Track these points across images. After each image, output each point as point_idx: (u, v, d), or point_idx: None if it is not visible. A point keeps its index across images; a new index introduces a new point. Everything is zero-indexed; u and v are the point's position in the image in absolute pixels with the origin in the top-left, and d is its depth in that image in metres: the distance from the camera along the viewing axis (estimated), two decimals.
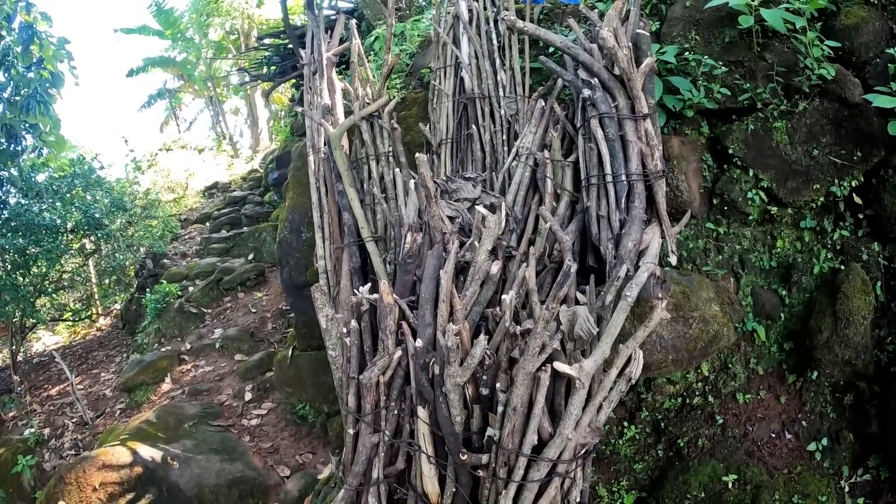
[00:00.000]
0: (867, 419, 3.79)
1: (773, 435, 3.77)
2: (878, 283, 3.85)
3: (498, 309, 3.30)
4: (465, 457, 3.15)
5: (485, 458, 3.16)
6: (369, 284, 3.81)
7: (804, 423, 3.80)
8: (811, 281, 4.00)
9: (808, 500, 3.45)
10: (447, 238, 3.57)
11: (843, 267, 3.94)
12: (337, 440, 5.16)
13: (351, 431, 3.69)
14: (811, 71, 3.94)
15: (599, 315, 3.13)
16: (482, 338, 2.96)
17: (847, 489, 3.66)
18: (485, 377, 3.16)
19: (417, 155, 3.50)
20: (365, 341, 3.61)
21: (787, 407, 3.86)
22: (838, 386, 3.86)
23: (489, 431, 3.15)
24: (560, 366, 2.87)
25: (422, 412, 3.35)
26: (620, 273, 3.15)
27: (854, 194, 3.98)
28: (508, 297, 3.11)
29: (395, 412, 3.57)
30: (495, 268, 3.42)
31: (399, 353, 3.41)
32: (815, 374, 3.79)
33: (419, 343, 3.27)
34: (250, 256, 9.39)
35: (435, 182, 3.87)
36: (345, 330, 3.59)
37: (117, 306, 9.96)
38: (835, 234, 4.04)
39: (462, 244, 3.68)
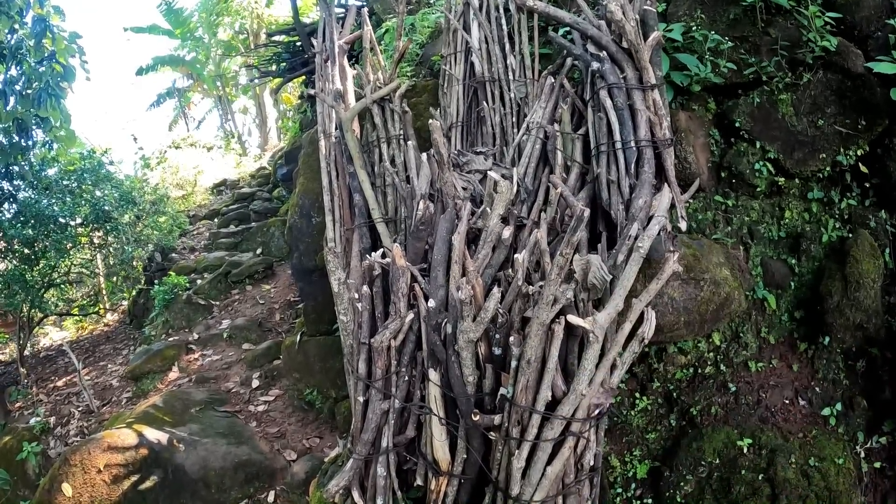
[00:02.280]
0: (880, 385, 3.78)
1: (787, 401, 3.75)
2: (887, 250, 3.87)
3: (510, 270, 3.32)
4: (478, 418, 3.14)
5: (497, 419, 3.15)
6: (381, 250, 3.83)
7: (817, 389, 3.79)
8: (820, 250, 4.02)
9: (825, 462, 3.42)
10: (459, 205, 3.61)
11: (850, 235, 3.96)
12: (344, 424, 5.15)
13: (361, 399, 3.68)
14: (814, 43, 4.01)
15: (612, 275, 3.14)
16: (495, 291, 2.97)
17: (863, 454, 3.63)
18: (497, 336, 3.17)
19: (431, 121, 3.55)
20: (376, 307, 3.62)
21: (799, 374, 3.85)
22: (850, 352, 3.85)
23: (502, 391, 3.14)
24: (574, 318, 2.87)
25: (433, 374, 3.35)
26: (632, 232, 3.18)
27: (860, 163, 4.02)
28: (521, 257, 3.13)
29: (406, 378, 3.57)
30: (507, 232, 3.45)
31: (411, 315, 3.42)
32: (827, 340, 3.79)
33: (432, 303, 3.29)
34: (258, 251, 9.45)
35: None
36: (356, 295, 3.60)
37: (125, 303, 10.00)
38: (842, 204, 4.07)
39: (474, 213, 3.72)
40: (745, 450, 3.52)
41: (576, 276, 2.86)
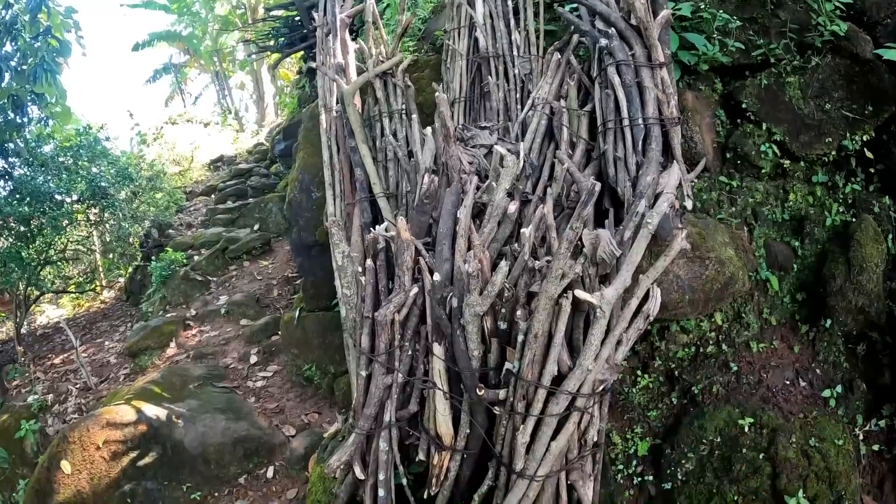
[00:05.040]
0: (880, 369, 3.81)
1: (788, 382, 3.77)
2: (890, 236, 3.88)
3: (516, 244, 3.30)
4: (482, 392, 3.13)
5: (502, 394, 3.15)
6: (385, 224, 3.80)
7: (818, 371, 3.81)
8: (823, 233, 4.02)
9: (825, 443, 3.45)
10: (465, 179, 3.58)
11: (854, 220, 3.97)
12: (343, 400, 5.15)
13: (363, 373, 3.66)
14: (823, 27, 4.00)
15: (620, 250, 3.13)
16: (503, 264, 2.95)
17: (861, 437, 3.66)
18: (503, 310, 3.16)
19: (437, 94, 3.51)
20: (380, 281, 3.59)
21: (800, 356, 3.87)
22: (851, 336, 3.87)
23: (507, 365, 3.13)
24: (581, 293, 2.87)
25: (437, 349, 3.34)
26: (639, 208, 3.16)
27: (865, 149, 4.02)
28: (527, 231, 3.11)
29: (409, 353, 3.55)
30: (513, 206, 3.43)
31: (415, 289, 3.40)
32: (829, 322, 3.80)
33: (437, 277, 3.27)
34: (256, 227, 9.41)
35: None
36: (360, 269, 3.57)
37: (122, 280, 9.95)
38: (846, 189, 4.07)
39: (479, 188, 3.69)
40: (747, 429, 3.54)
41: (585, 251, 2.84)
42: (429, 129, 4.04)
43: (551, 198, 3.43)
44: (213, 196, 11.95)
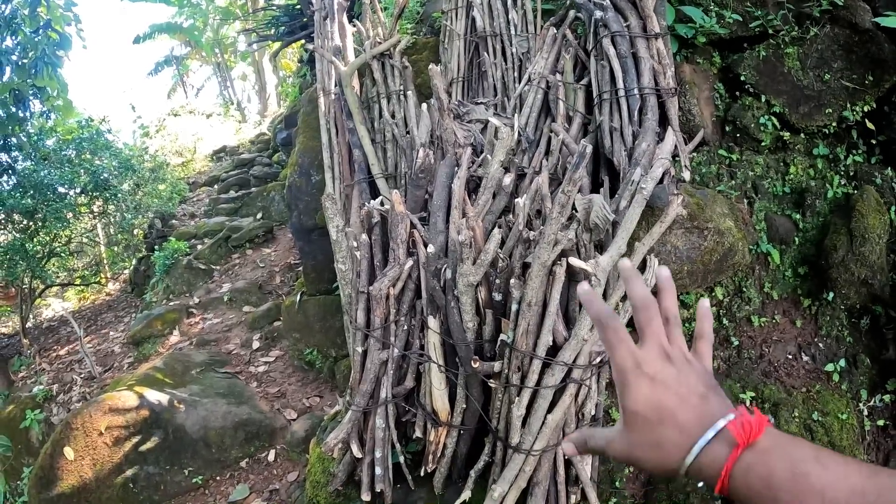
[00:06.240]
0: (884, 344, 3.74)
1: (790, 356, 3.72)
2: (893, 208, 3.81)
3: (511, 215, 3.27)
4: (477, 364, 3.10)
5: (497, 366, 3.11)
6: (380, 197, 3.78)
7: (821, 345, 3.75)
8: (825, 206, 3.96)
9: (828, 417, 3.39)
10: (459, 152, 3.55)
11: (855, 192, 3.91)
12: (344, 383, 5.14)
13: (359, 349, 3.65)
14: None
15: (614, 216, 3.09)
16: (496, 232, 2.92)
17: (866, 412, 3.60)
18: (497, 281, 3.13)
19: (431, 66, 3.48)
20: (375, 255, 3.57)
21: (802, 330, 3.81)
22: (854, 310, 3.81)
23: (502, 337, 3.10)
24: (575, 260, 2.83)
25: (432, 322, 3.32)
26: (635, 176, 3.13)
27: (866, 120, 3.95)
28: (522, 201, 3.08)
29: (405, 327, 3.53)
30: (508, 178, 3.40)
31: (410, 262, 3.38)
32: (831, 296, 3.74)
33: (431, 249, 3.24)
34: (259, 215, 9.44)
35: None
36: (355, 243, 3.56)
37: (126, 272, 10.00)
38: (848, 160, 4.01)
39: (474, 161, 3.67)
40: (748, 403, 3.48)
41: (578, 216, 2.81)
42: (424, 105, 4.02)
43: (547, 170, 3.39)
44: (216, 186, 11.96)
